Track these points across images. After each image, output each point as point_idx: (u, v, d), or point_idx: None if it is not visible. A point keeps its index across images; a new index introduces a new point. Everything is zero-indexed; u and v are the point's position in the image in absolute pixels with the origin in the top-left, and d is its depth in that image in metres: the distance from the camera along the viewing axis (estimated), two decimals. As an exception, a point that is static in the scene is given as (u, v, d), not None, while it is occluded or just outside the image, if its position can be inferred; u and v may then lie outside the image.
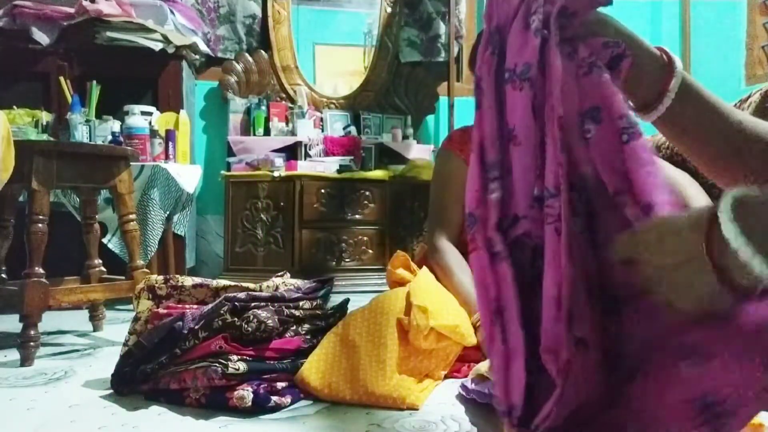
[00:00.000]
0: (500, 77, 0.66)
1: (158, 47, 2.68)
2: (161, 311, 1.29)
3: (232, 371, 1.12)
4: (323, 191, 3.00)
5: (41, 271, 1.55)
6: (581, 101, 0.60)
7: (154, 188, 2.28)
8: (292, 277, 1.53)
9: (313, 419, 1.09)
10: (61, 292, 1.63)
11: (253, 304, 1.24)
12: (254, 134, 3.27)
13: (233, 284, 1.38)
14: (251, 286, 1.36)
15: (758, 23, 3.20)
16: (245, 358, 1.16)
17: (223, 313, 1.19)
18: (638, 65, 0.62)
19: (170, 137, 2.47)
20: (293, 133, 3.27)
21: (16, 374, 1.41)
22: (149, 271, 1.89)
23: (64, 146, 1.77)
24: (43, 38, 2.62)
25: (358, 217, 3.05)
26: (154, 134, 2.41)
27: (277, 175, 2.96)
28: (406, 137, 3.48)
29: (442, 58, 3.59)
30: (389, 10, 3.61)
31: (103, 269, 1.94)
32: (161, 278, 1.37)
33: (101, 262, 1.95)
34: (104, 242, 2.27)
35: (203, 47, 3.08)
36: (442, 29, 3.58)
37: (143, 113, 2.40)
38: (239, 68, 3.37)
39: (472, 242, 0.66)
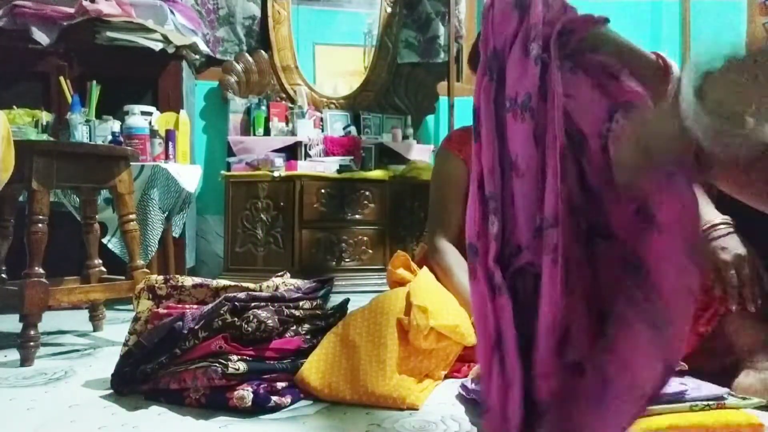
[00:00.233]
0: (500, 105, 0.66)
1: (158, 47, 2.68)
2: (161, 311, 1.29)
3: (232, 371, 1.12)
4: (323, 191, 3.00)
5: (41, 271, 1.54)
6: (609, 101, 0.61)
7: (154, 188, 2.28)
8: (292, 277, 1.53)
9: (313, 419, 1.09)
10: (61, 292, 1.63)
11: (253, 304, 1.24)
12: (254, 134, 3.26)
13: (233, 284, 1.38)
14: (251, 286, 1.36)
15: (758, 23, 3.20)
16: (245, 358, 1.16)
17: (223, 313, 1.19)
18: (635, 74, 0.62)
19: (170, 137, 2.47)
20: (293, 133, 3.27)
21: (16, 374, 1.41)
22: (149, 271, 1.89)
23: (64, 146, 1.77)
24: (43, 38, 2.62)
25: (358, 217, 3.05)
26: (154, 134, 2.40)
27: (277, 175, 2.95)
28: (406, 137, 3.48)
29: (440, 59, 3.59)
30: (389, 10, 3.60)
31: (103, 269, 1.94)
32: (161, 278, 1.37)
33: (101, 262, 1.95)
34: (104, 242, 2.27)
35: (203, 47, 3.08)
36: (440, 30, 3.58)
37: (143, 113, 2.40)
38: (239, 68, 3.37)
39: (472, 272, 0.67)
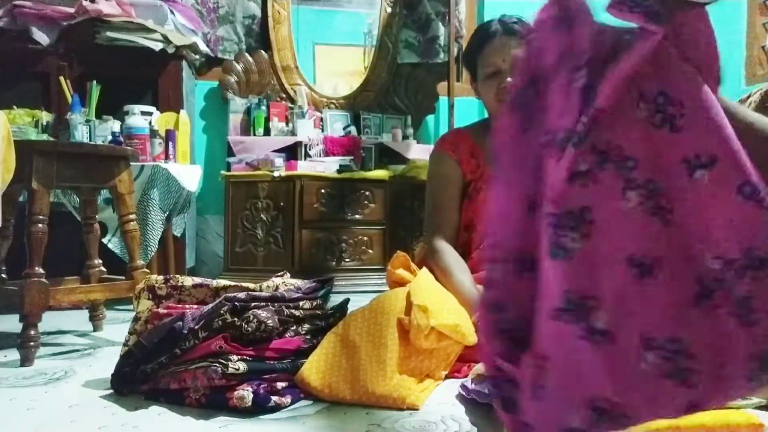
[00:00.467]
0: (530, 139, 0.60)
1: (158, 47, 2.67)
2: (161, 311, 1.29)
3: (232, 371, 1.11)
4: (323, 191, 3.00)
5: (41, 271, 1.54)
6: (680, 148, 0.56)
7: (154, 188, 2.29)
8: (292, 277, 1.53)
9: (313, 419, 1.08)
10: (61, 292, 1.63)
11: (253, 304, 1.24)
12: (254, 134, 3.26)
13: (233, 284, 1.37)
14: (251, 286, 1.36)
15: (758, 23, 3.20)
16: (245, 358, 1.16)
17: (223, 313, 1.19)
18: None
19: (170, 137, 2.47)
20: (293, 133, 3.27)
21: (16, 374, 1.41)
22: (149, 271, 1.89)
23: (64, 146, 1.77)
24: (43, 38, 2.62)
25: (358, 217, 3.05)
26: (154, 134, 2.40)
27: (277, 175, 2.95)
28: (406, 137, 3.48)
29: (440, 59, 3.58)
30: (389, 10, 3.61)
31: (103, 269, 1.93)
32: (161, 278, 1.37)
33: (101, 262, 1.95)
34: (104, 242, 2.27)
35: (203, 47, 3.08)
36: (440, 30, 3.58)
37: (143, 113, 2.40)
38: (239, 68, 3.37)
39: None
